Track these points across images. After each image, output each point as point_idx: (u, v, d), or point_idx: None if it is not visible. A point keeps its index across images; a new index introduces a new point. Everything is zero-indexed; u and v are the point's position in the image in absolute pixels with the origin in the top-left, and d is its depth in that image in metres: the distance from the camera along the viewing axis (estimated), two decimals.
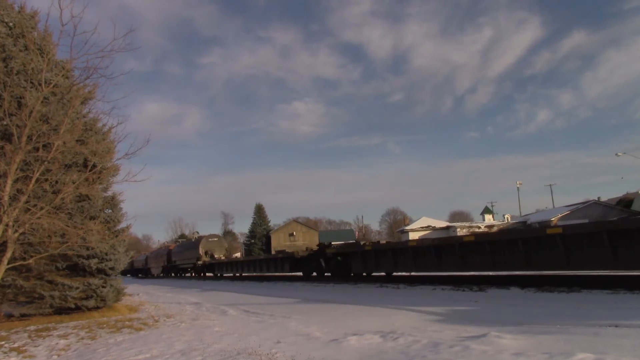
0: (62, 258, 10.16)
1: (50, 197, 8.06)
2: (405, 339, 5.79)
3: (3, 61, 9.40)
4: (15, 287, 10.02)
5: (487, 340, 5.34)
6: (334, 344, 5.97)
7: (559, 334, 5.46)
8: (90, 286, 10.71)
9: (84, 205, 10.48)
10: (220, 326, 8.34)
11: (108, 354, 6.44)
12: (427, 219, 63.63)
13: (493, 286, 11.15)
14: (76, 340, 7.82)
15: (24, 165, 7.88)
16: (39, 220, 7.64)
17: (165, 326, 8.81)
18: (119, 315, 10.77)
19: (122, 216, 11.88)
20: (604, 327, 5.65)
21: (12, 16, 10.05)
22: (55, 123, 8.12)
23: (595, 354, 4.33)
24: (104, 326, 9.00)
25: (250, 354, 5.59)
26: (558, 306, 7.78)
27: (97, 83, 8.97)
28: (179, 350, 6.18)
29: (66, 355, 6.86)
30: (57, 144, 7.83)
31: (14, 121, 7.72)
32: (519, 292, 10.01)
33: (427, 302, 9.50)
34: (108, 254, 10.98)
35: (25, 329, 9.12)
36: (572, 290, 9.28)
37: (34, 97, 7.71)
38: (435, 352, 5.03)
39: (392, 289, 12.98)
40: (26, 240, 8.44)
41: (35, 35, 10.01)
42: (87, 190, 8.86)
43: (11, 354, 7.02)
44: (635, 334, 5.17)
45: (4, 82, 8.09)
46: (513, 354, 4.68)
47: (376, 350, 5.44)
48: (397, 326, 6.92)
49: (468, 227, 55.33)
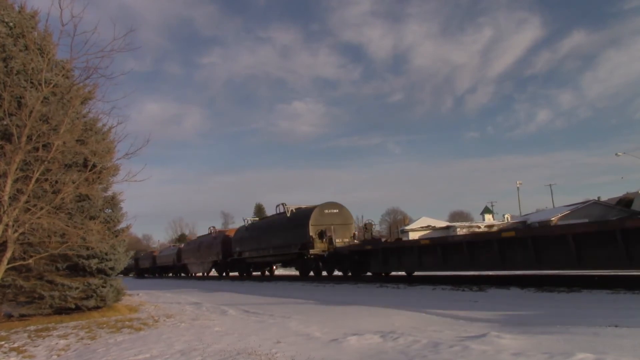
0: (62, 258, 10.16)
1: (50, 197, 8.05)
2: (405, 339, 5.79)
3: (3, 61, 9.39)
4: (15, 287, 10.02)
5: (487, 340, 5.34)
6: (334, 344, 5.97)
7: (559, 334, 5.45)
8: (90, 286, 10.71)
9: (84, 205, 10.48)
10: (220, 326, 8.34)
11: (108, 354, 6.43)
12: (427, 218, 63.59)
13: (493, 286, 11.14)
14: (76, 340, 7.82)
15: (24, 165, 7.88)
16: (39, 220, 7.63)
17: (165, 326, 8.81)
18: (119, 315, 10.76)
19: (122, 216, 11.88)
20: (604, 327, 5.64)
21: (12, 16, 10.05)
22: (55, 123, 8.12)
23: (595, 354, 4.33)
24: (103, 326, 9.00)
25: (250, 354, 5.58)
26: (558, 306, 7.78)
27: (97, 83, 8.98)
28: (178, 350, 6.18)
29: (66, 355, 6.85)
30: (57, 144, 7.83)
31: (14, 121, 7.72)
32: (519, 292, 10.01)
33: (427, 302, 9.50)
34: (108, 254, 10.97)
35: (25, 329, 9.12)
36: (572, 290, 9.28)
37: (34, 97, 7.71)
38: (435, 352, 5.02)
39: (392, 289, 12.97)
40: (26, 240, 8.44)
41: (35, 35, 10.01)
42: (87, 190, 8.86)
43: (11, 354, 7.02)
44: (635, 334, 5.16)
45: (4, 82, 8.09)
46: (513, 354, 4.67)
47: (376, 350, 5.44)
48: (397, 326, 6.92)
49: (468, 227, 55.32)
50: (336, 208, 21.47)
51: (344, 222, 21.27)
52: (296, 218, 22.07)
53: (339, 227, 20.59)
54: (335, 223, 20.54)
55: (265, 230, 25.07)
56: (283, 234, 22.76)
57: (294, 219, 22.25)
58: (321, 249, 19.77)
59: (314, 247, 19.77)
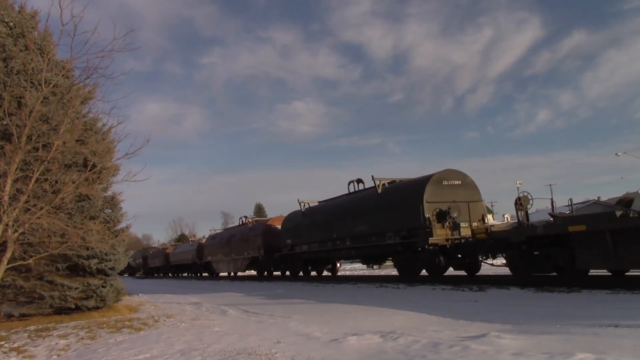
0: (62, 258, 10.16)
1: (50, 197, 8.05)
2: (405, 339, 5.79)
3: (3, 61, 9.40)
4: (15, 287, 10.02)
5: (487, 340, 5.34)
6: (334, 344, 5.97)
7: (559, 334, 5.46)
8: (90, 286, 10.71)
9: (84, 205, 10.48)
10: (220, 326, 8.34)
11: (108, 354, 6.44)
12: None
13: (493, 286, 11.14)
14: (76, 340, 7.82)
15: (24, 165, 7.88)
16: (39, 220, 7.63)
17: (165, 326, 8.81)
18: (119, 315, 10.76)
19: (122, 216, 11.88)
20: (604, 327, 5.65)
21: (12, 16, 10.05)
22: (55, 123, 8.12)
23: (595, 354, 4.33)
24: (103, 326, 9.00)
25: (250, 354, 5.58)
26: (558, 306, 7.78)
27: (97, 83, 9.00)
28: (178, 350, 6.18)
29: (66, 355, 6.86)
30: (57, 143, 7.83)
31: (14, 121, 7.72)
32: (519, 292, 10.01)
33: (427, 302, 9.50)
34: (108, 254, 10.97)
35: (25, 329, 9.12)
36: (572, 290, 9.28)
37: (34, 97, 7.71)
38: (435, 352, 5.03)
39: (392, 289, 12.97)
40: (26, 240, 8.44)
41: (35, 35, 10.01)
42: (87, 190, 8.86)
43: (11, 354, 7.03)
44: (635, 334, 5.17)
45: (4, 82, 8.09)
46: (513, 354, 4.67)
47: (376, 350, 5.44)
48: (397, 326, 6.92)
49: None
50: (458, 178, 14.86)
51: (469, 197, 14.64)
52: (397, 194, 15.76)
53: (464, 206, 14.31)
54: (459, 200, 14.31)
55: (338, 215, 18.47)
56: (372, 218, 16.24)
57: (392, 196, 15.79)
58: (444, 236, 13.66)
59: (433, 234, 13.50)
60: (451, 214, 13.68)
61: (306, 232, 20.44)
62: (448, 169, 14.96)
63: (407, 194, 15.09)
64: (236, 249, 27.52)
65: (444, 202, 14.04)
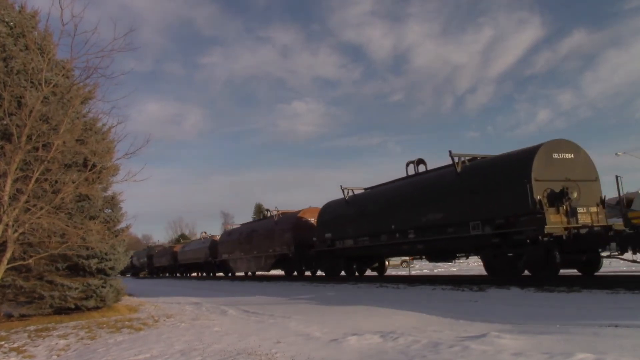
0: (62, 258, 10.16)
1: (50, 197, 8.05)
2: (405, 339, 5.79)
3: (3, 61, 9.40)
4: (15, 287, 10.02)
5: (487, 340, 5.34)
6: (334, 344, 5.97)
7: (559, 334, 5.46)
8: (90, 286, 10.71)
9: (84, 205, 10.48)
10: (220, 326, 8.34)
11: (108, 354, 6.44)
12: None
13: (493, 286, 11.13)
14: (76, 340, 7.82)
15: (24, 165, 7.88)
16: (39, 220, 7.63)
17: (165, 326, 8.81)
18: (119, 315, 10.77)
19: (122, 216, 11.88)
20: (604, 327, 5.65)
21: (12, 16, 10.05)
22: (55, 123, 8.12)
23: (595, 354, 4.33)
24: (103, 326, 9.00)
25: (250, 354, 5.58)
26: (558, 306, 7.78)
27: (97, 83, 9.00)
28: (178, 350, 6.18)
29: (66, 355, 6.86)
30: (57, 143, 7.83)
31: (14, 121, 7.72)
32: (519, 292, 10.00)
33: (427, 302, 9.50)
34: (108, 254, 10.97)
35: (25, 329, 9.12)
36: (572, 290, 9.28)
37: (34, 97, 7.71)
38: (435, 352, 5.03)
39: (392, 289, 12.97)
40: (26, 240, 8.44)
41: (35, 35, 10.01)
42: (87, 190, 8.86)
43: (11, 354, 7.03)
44: (635, 334, 5.17)
45: (4, 81, 8.09)
46: (513, 354, 4.67)
47: (376, 350, 5.44)
48: (397, 326, 6.92)
49: None
50: (571, 150, 11.78)
51: (585, 175, 11.76)
52: (487, 172, 12.62)
53: (581, 187, 11.40)
54: (573, 178, 11.40)
55: (398, 202, 15.38)
56: (448, 205, 13.18)
57: (479, 175, 12.72)
58: (561, 224, 10.87)
59: (547, 221, 10.69)
60: (570, 195, 10.90)
61: (352, 224, 17.33)
62: (558, 139, 11.81)
63: (504, 172, 11.95)
64: (259, 245, 24.42)
65: (556, 180, 11.18)
